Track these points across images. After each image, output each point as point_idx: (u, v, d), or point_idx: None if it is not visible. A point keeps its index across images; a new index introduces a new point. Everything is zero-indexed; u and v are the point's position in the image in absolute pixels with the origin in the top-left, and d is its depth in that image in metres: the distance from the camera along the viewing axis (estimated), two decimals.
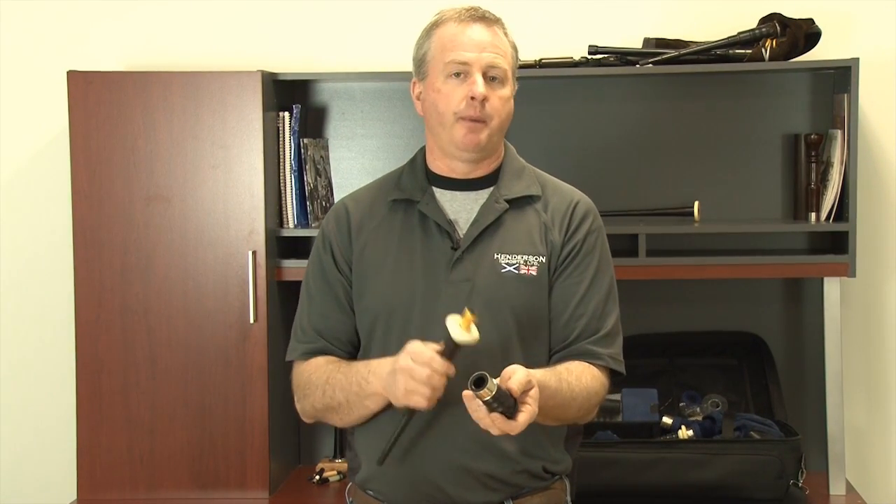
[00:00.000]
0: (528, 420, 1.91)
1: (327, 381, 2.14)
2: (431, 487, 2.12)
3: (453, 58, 2.11)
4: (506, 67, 2.13)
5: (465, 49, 2.11)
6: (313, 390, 2.16)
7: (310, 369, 2.19)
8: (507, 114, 2.15)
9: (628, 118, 3.25)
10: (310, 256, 2.28)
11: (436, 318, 2.07)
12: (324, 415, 2.19)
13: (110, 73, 3.06)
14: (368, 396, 2.08)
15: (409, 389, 1.96)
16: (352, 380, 2.10)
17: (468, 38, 2.11)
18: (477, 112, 2.10)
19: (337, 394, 2.12)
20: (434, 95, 2.14)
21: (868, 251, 3.21)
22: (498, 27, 2.16)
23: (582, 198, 2.24)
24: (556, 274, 2.17)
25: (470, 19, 2.13)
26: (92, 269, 2.99)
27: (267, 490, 3.01)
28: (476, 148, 2.14)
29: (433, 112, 2.15)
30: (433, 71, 2.14)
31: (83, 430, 3.02)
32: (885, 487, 3.31)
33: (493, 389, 1.85)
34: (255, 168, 2.97)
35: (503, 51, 2.14)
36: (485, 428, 1.91)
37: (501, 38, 2.15)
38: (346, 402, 2.11)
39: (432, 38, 2.16)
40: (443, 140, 2.16)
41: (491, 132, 2.13)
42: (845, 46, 3.16)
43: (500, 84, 2.12)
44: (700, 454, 2.88)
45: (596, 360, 2.15)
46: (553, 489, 2.20)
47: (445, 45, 2.13)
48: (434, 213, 2.17)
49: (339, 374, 2.13)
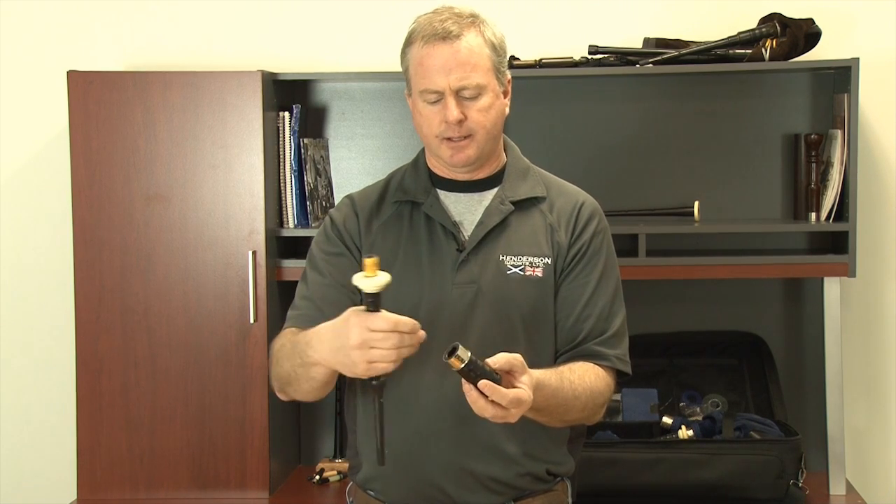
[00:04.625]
0: (518, 397, 1.86)
1: (280, 350, 2.11)
2: (433, 489, 2.12)
3: (425, 86, 2.08)
4: (479, 81, 2.07)
5: (433, 75, 2.07)
6: (274, 361, 2.14)
7: (277, 341, 2.15)
8: (493, 120, 2.11)
9: (628, 118, 3.24)
10: (314, 242, 2.24)
11: (441, 320, 2.06)
12: (284, 388, 2.14)
13: (110, 73, 3.06)
14: (311, 367, 2.01)
15: (372, 360, 1.87)
16: (295, 350, 2.05)
17: (434, 62, 2.07)
18: (457, 133, 2.08)
19: (285, 364, 2.08)
20: (417, 117, 2.14)
21: (868, 251, 3.21)
22: (466, 36, 2.08)
23: (587, 198, 2.24)
24: (563, 275, 2.16)
25: (434, 39, 2.07)
26: (92, 269, 3.00)
27: (267, 490, 3.01)
28: (466, 164, 2.13)
29: (419, 131, 2.15)
30: (413, 92, 2.14)
31: (83, 430, 3.02)
32: (885, 487, 3.31)
33: (464, 359, 1.83)
34: (255, 168, 2.97)
35: (473, 63, 2.07)
36: (478, 407, 1.87)
37: (471, 47, 2.08)
38: (294, 374, 2.06)
39: (407, 56, 2.14)
40: (435, 157, 2.17)
41: (479, 144, 2.11)
42: (845, 46, 3.17)
43: (475, 98, 2.08)
44: (700, 454, 2.88)
45: (602, 361, 2.14)
46: (555, 491, 2.20)
47: (416, 70, 2.10)
48: (439, 214, 2.16)
49: (289, 344, 2.08)
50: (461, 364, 1.83)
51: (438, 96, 2.08)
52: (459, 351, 1.83)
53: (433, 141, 2.12)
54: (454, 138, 2.09)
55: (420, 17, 2.14)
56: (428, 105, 2.10)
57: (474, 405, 1.87)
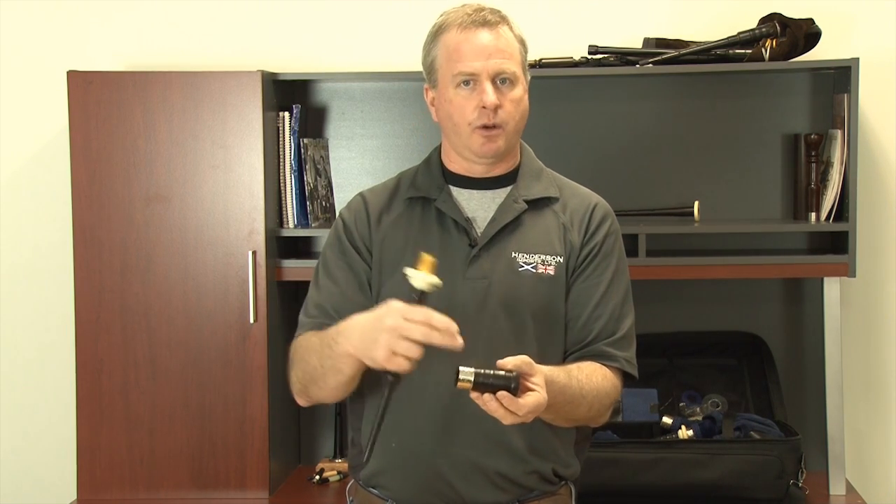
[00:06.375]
0: (536, 403, 1.88)
1: (306, 349, 2.09)
2: (441, 484, 2.11)
3: (461, 69, 2.09)
4: (514, 69, 2.11)
5: (470, 59, 2.08)
6: (297, 361, 2.12)
7: (299, 342, 2.15)
8: (521, 114, 2.14)
9: (628, 118, 3.24)
10: (325, 244, 2.24)
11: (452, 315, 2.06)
12: (307, 388, 2.12)
13: (110, 73, 3.06)
14: (339, 358, 1.99)
15: (396, 351, 1.86)
16: (323, 342, 2.03)
17: (473, 46, 2.09)
18: (490, 120, 2.09)
19: (312, 359, 2.06)
20: (447, 105, 2.13)
21: (868, 251, 3.21)
22: (503, 26, 2.13)
23: (600, 200, 2.24)
24: (575, 275, 2.17)
25: (472, 25, 2.10)
26: (92, 269, 2.99)
27: (267, 490, 3.01)
28: (495, 154, 2.14)
29: (448, 122, 2.14)
30: (443, 80, 2.13)
31: (83, 430, 3.02)
32: (885, 487, 3.31)
33: (469, 378, 1.85)
34: (255, 168, 2.97)
35: (509, 52, 2.11)
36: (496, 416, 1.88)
37: (507, 37, 2.12)
38: (321, 367, 2.04)
39: (438, 45, 2.14)
40: (460, 147, 2.16)
41: (508, 137, 2.12)
42: (845, 46, 3.17)
43: (510, 86, 2.10)
44: (700, 454, 2.88)
45: (611, 362, 2.14)
46: (559, 494, 2.20)
47: (451, 55, 2.11)
48: (451, 210, 2.16)
49: (315, 338, 2.08)
50: (469, 384, 1.86)
51: (473, 78, 2.08)
52: (461, 374, 1.86)
53: (465, 129, 2.11)
54: (487, 126, 2.09)
55: (447, 11, 2.16)
56: (461, 91, 2.10)
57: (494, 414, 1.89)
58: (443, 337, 1.86)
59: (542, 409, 1.91)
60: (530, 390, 1.89)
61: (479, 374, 1.86)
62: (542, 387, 1.91)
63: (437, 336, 1.86)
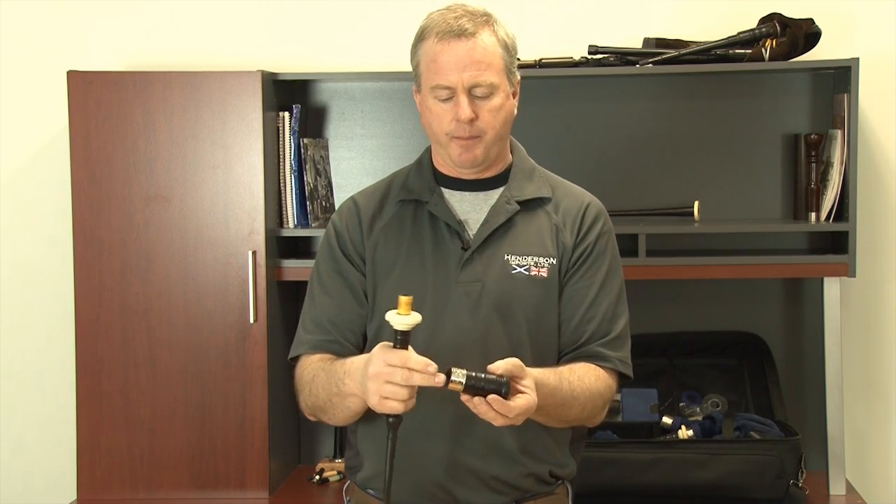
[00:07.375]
0: (526, 405, 1.90)
1: (313, 380, 2.12)
2: (436, 488, 2.12)
3: (437, 81, 2.08)
4: (492, 80, 2.07)
5: (446, 72, 2.06)
6: (305, 387, 2.15)
7: (305, 365, 2.17)
8: (502, 121, 2.11)
9: (628, 118, 3.24)
10: (318, 253, 2.25)
11: (446, 319, 2.07)
12: (317, 414, 2.16)
13: (110, 73, 3.06)
14: (347, 397, 2.04)
15: (385, 395, 1.91)
16: (331, 379, 2.07)
17: (448, 58, 2.06)
18: (467, 133, 2.08)
19: (320, 393, 2.10)
20: (427, 113, 2.13)
21: (868, 251, 3.21)
22: (481, 35, 2.08)
23: (592, 200, 2.24)
24: (567, 276, 2.17)
25: (449, 36, 2.07)
26: (92, 269, 2.99)
27: (267, 490, 3.01)
28: (472, 164, 2.13)
29: (428, 129, 2.15)
30: (424, 88, 2.13)
31: (83, 429, 3.02)
32: (885, 487, 3.31)
33: (461, 381, 1.88)
34: (255, 168, 2.97)
35: (487, 62, 2.07)
36: (486, 418, 1.90)
37: (484, 46, 2.07)
38: (330, 403, 2.09)
39: (419, 52, 2.13)
40: (442, 154, 2.16)
41: (487, 145, 2.11)
42: (845, 46, 3.16)
43: (488, 97, 2.08)
44: (700, 454, 2.88)
45: (604, 363, 2.14)
46: (556, 494, 2.20)
47: (429, 66, 2.10)
48: (443, 213, 2.16)
49: (322, 373, 2.10)
50: (461, 386, 1.88)
51: (450, 93, 2.08)
52: (453, 375, 1.88)
53: (442, 139, 2.11)
54: (463, 137, 2.09)
55: (432, 13, 2.13)
56: (439, 102, 2.09)
57: (485, 417, 1.91)
58: (422, 378, 1.89)
59: (531, 411, 1.93)
60: (520, 393, 1.91)
61: (470, 376, 1.88)
62: (532, 389, 1.92)
63: (417, 377, 1.89)
